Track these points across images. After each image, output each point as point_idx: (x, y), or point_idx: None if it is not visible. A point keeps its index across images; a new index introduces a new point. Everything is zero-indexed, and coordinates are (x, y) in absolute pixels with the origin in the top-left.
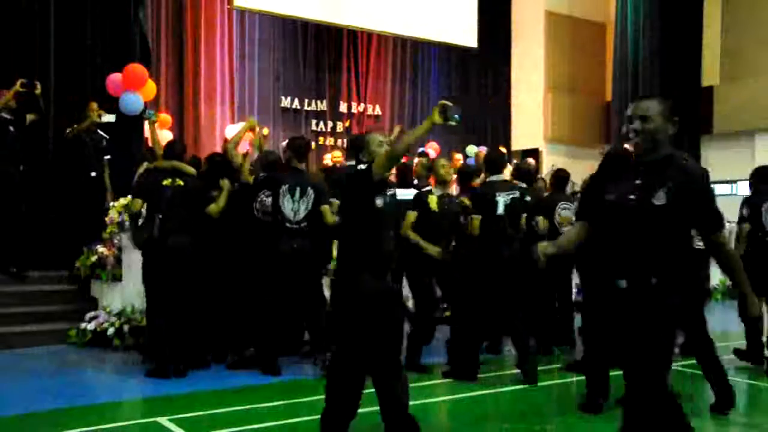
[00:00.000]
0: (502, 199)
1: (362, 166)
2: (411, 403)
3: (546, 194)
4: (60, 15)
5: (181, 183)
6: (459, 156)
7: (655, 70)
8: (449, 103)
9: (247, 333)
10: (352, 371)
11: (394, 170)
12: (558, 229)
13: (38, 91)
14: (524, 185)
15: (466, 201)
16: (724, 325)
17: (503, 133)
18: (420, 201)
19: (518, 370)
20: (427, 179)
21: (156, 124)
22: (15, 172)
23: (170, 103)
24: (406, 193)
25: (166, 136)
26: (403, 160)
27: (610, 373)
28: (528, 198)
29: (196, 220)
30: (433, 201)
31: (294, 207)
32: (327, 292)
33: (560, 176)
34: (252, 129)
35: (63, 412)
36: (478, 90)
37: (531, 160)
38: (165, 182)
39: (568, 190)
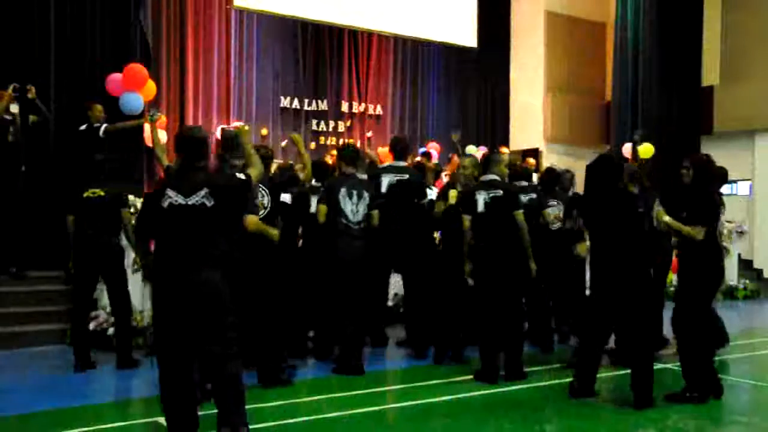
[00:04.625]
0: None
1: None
2: (412, 402)
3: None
4: (60, 15)
5: None
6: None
7: (655, 70)
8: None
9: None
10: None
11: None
12: (548, 226)
13: (31, 95)
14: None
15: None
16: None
17: (503, 133)
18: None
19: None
20: (434, 182)
21: (156, 123)
22: (16, 173)
23: (170, 102)
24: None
25: (160, 135)
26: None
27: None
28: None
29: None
30: (453, 195)
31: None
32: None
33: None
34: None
35: (63, 412)
36: (478, 90)
37: (531, 160)
38: None
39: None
